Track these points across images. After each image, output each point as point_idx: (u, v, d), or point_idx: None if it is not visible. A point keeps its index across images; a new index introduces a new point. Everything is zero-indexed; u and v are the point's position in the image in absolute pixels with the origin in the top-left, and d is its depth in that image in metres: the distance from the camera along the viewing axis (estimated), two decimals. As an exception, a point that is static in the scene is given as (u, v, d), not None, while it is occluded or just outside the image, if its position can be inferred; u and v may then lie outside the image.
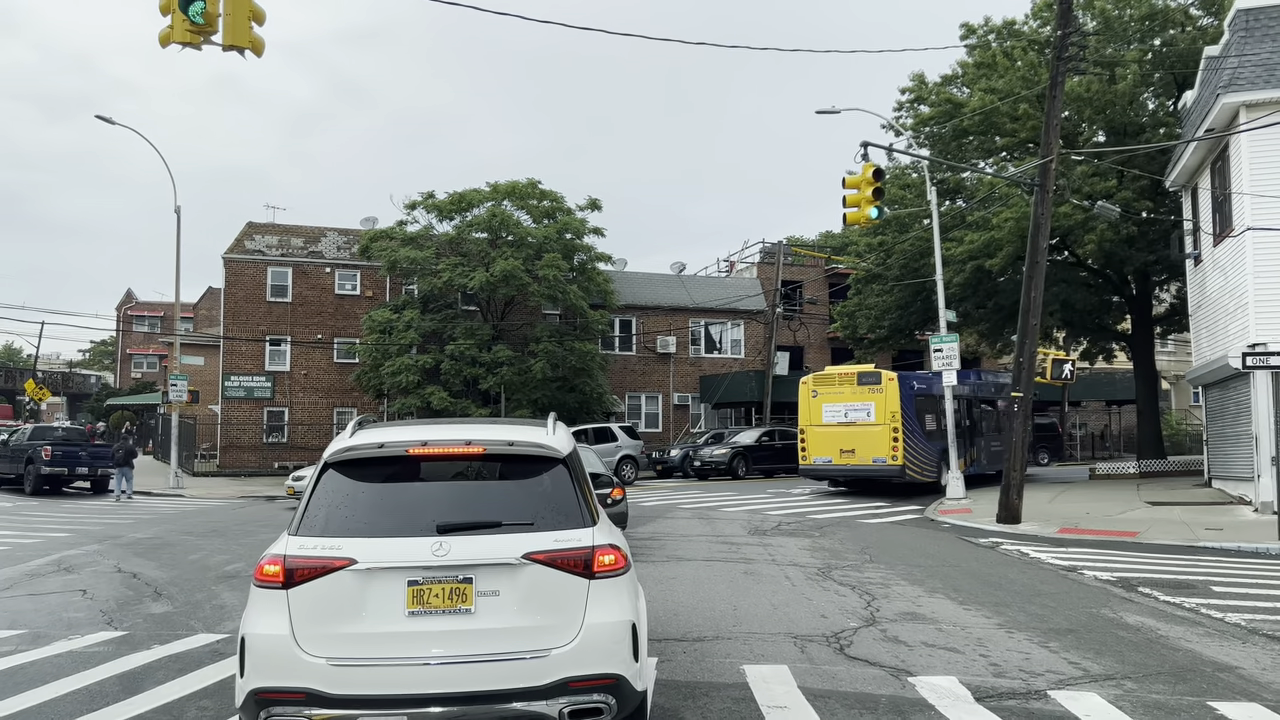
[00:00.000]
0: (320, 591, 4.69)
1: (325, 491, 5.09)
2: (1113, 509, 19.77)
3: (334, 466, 5.18)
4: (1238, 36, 19.41)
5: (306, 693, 4.56)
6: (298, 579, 4.71)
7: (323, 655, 4.61)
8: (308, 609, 4.68)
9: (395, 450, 5.16)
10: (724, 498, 24.60)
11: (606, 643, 4.79)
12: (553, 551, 4.83)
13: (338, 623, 4.67)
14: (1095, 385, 44.26)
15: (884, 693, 6.71)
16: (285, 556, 4.78)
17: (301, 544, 4.82)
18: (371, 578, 4.71)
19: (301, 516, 4.99)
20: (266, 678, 4.62)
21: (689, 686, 6.82)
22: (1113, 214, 20.81)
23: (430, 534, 4.81)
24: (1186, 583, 11.49)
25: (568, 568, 4.83)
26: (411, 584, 4.72)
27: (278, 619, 4.68)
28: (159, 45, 8.37)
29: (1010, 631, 8.69)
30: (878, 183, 18.06)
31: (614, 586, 4.91)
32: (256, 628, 4.72)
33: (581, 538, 4.92)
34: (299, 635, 4.65)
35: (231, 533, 17.46)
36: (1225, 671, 7.33)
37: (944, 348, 22.60)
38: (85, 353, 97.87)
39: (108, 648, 8.27)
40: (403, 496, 5.14)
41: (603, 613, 4.82)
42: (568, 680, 4.67)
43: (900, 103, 30.88)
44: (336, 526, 4.90)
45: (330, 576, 4.70)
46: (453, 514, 4.96)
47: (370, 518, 4.97)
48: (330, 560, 4.72)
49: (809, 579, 11.65)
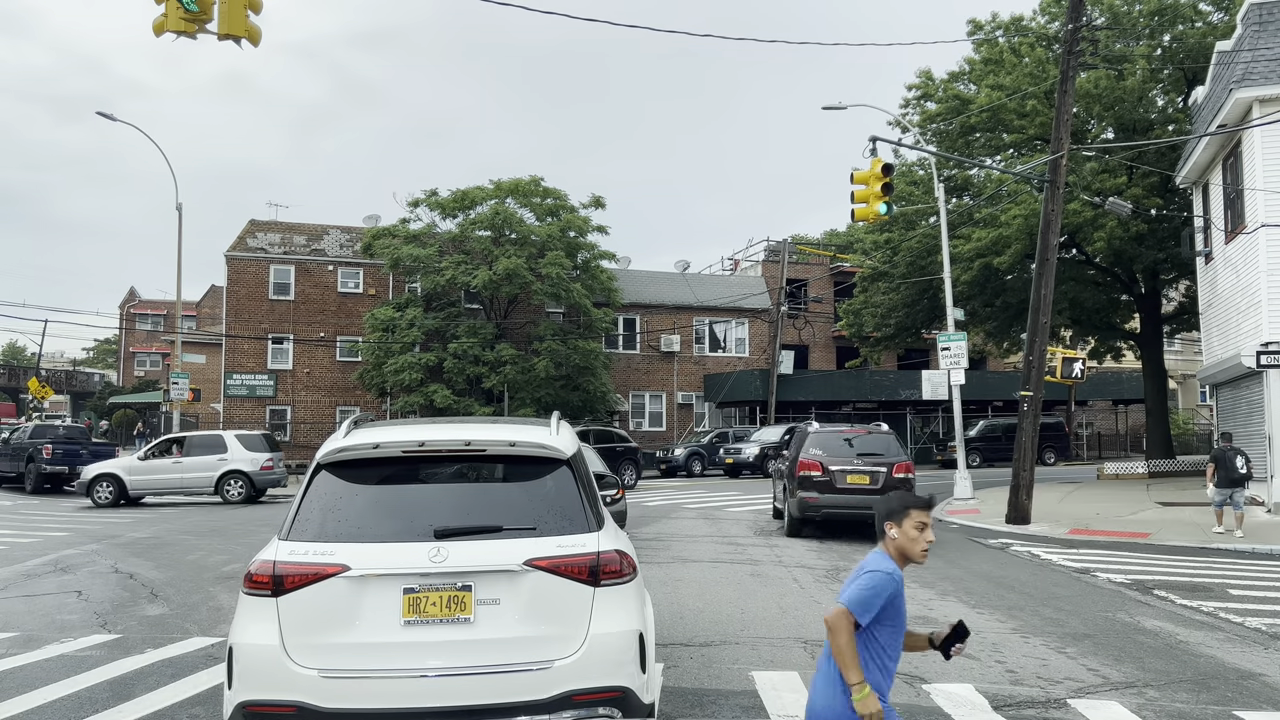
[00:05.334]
0: (311, 599, 4.43)
1: (318, 494, 4.81)
2: (1123, 509, 19.53)
3: (327, 468, 4.89)
4: (1251, 31, 19.16)
5: (297, 706, 4.32)
6: (288, 586, 4.45)
7: (314, 666, 4.37)
8: (298, 618, 4.43)
9: (391, 451, 4.88)
10: (728, 498, 24.38)
11: (613, 654, 4.54)
12: (556, 558, 4.58)
13: (330, 632, 4.42)
14: (1102, 384, 43.97)
15: (898, 701, 6.45)
16: (275, 562, 4.52)
17: (292, 549, 4.55)
18: (365, 585, 4.46)
19: (292, 520, 4.72)
20: (255, 690, 4.40)
21: (696, 694, 6.60)
22: (1124, 210, 20.55)
23: (427, 539, 4.56)
24: (1202, 585, 11.25)
25: (572, 575, 4.57)
26: (408, 592, 4.46)
27: (267, 628, 4.43)
28: (153, 34, 8.16)
29: (1026, 636, 8.46)
30: (887, 178, 17.80)
31: (620, 594, 4.66)
32: (245, 637, 4.48)
33: (586, 543, 4.66)
34: (289, 645, 4.40)
35: (231, 532, 17.26)
36: (1249, 679, 7.10)
37: (951, 346, 22.34)
38: (89, 351, 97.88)
39: (100, 651, 8.07)
40: (399, 499, 4.86)
41: (609, 622, 4.57)
42: (572, 693, 4.43)
43: (907, 99, 30.65)
44: (329, 531, 4.64)
45: (322, 584, 4.44)
46: (451, 518, 4.70)
47: (365, 522, 4.70)
48: (322, 567, 4.46)
49: (817, 581, 11.43)
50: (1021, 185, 26.42)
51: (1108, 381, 44.21)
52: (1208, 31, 25.81)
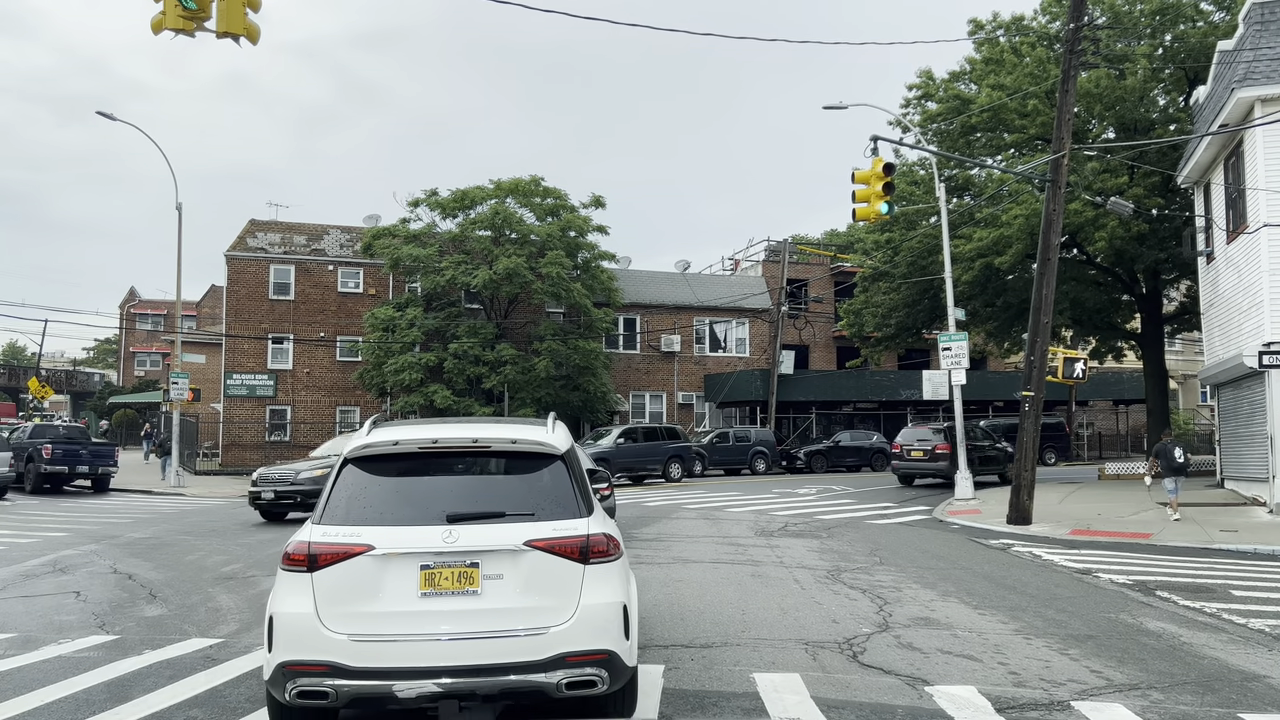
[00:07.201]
0: (342, 574, 5.10)
1: (345, 484, 5.51)
2: (1124, 510, 19.48)
3: (353, 462, 5.60)
4: (1253, 30, 19.10)
5: (330, 665, 4.97)
6: (321, 563, 5.12)
7: (344, 632, 5.01)
8: (330, 590, 5.08)
9: (409, 447, 5.60)
10: (730, 498, 24.34)
11: (600, 621, 5.18)
12: (551, 539, 5.23)
13: (357, 602, 5.07)
14: (1102, 385, 43.91)
15: (901, 703, 6.44)
16: (310, 543, 5.19)
17: (324, 531, 5.24)
18: (388, 562, 5.12)
19: (324, 507, 5.41)
20: (293, 652, 5.03)
21: (697, 696, 6.56)
22: (1126, 210, 20.49)
23: (441, 523, 5.23)
24: (1205, 586, 11.20)
25: (565, 554, 5.22)
26: (424, 568, 5.13)
27: (303, 599, 5.08)
28: (151, 32, 8.11)
29: (1028, 638, 8.41)
30: (888, 177, 17.74)
31: (607, 571, 5.31)
32: (284, 607, 5.13)
33: (578, 527, 5.33)
34: (323, 614, 5.05)
35: (231, 532, 17.22)
36: (1254, 681, 7.06)
37: (952, 346, 22.30)
38: (89, 351, 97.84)
39: (98, 653, 8.03)
40: (415, 488, 5.55)
41: (597, 594, 5.21)
42: (565, 655, 5.06)
43: (908, 99, 30.58)
44: (356, 516, 5.32)
45: (351, 561, 5.11)
46: (461, 505, 5.39)
47: (386, 508, 5.39)
48: (351, 546, 5.14)
49: (818, 582, 11.39)
50: (1022, 185, 26.36)
51: (1108, 382, 44.15)
52: (1209, 31, 25.75)
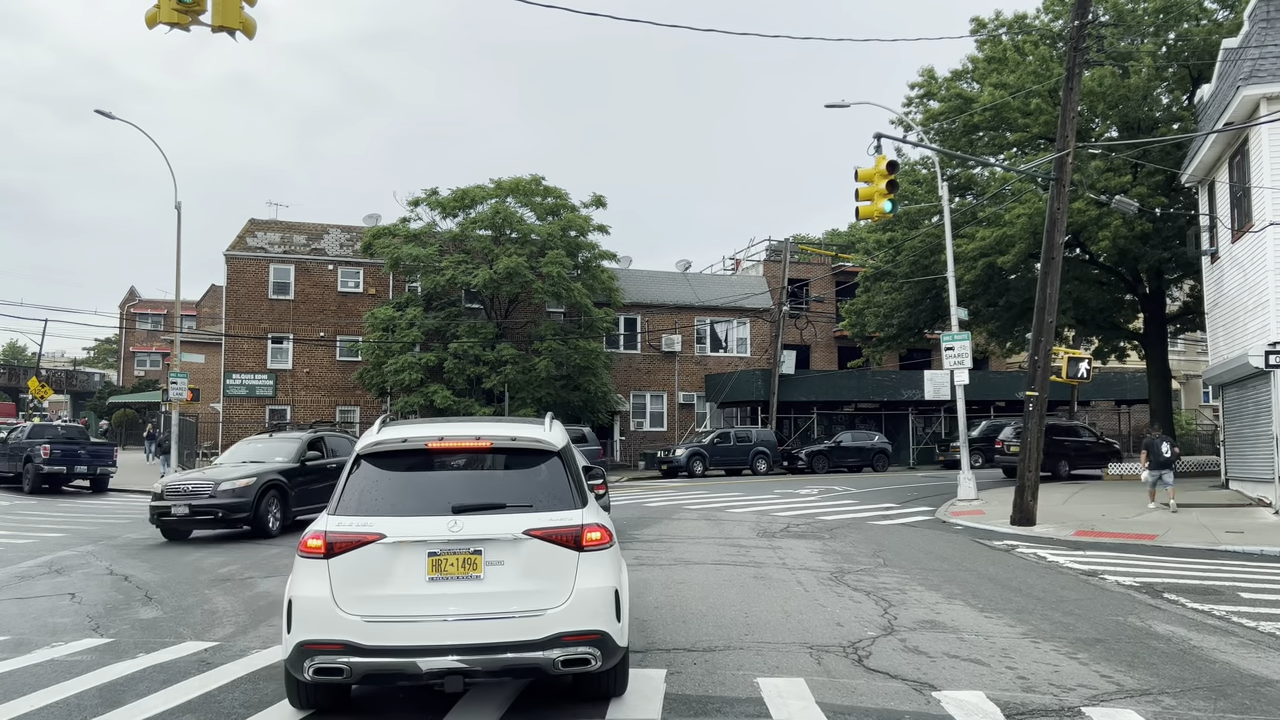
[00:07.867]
0: (355, 561, 5.54)
1: (358, 478, 5.97)
2: (1129, 511, 19.35)
3: (365, 458, 6.05)
4: (1258, 28, 18.97)
5: (344, 644, 5.40)
6: (336, 550, 5.56)
7: (357, 613, 5.45)
8: (344, 575, 5.52)
9: (417, 444, 6.04)
10: (731, 498, 24.22)
11: (593, 604, 5.61)
12: (548, 528, 5.67)
13: (370, 586, 5.51)
14: (1105, 385, 43.73)
15: (907, 709, 6.32)
16: (326, 532, 5.62)
17: (339, 521, 5.68)
18: (398, 549, 5.56)
19: (338, 499, 5.87)
20: (311, 632, 5.47)
21: (700, 701, 6.43)
22: (1130, 209, 20.36)
23: (446, 513, 5.66)
24: (1213, 588, 11.08)
25: (561, 542, 5.66)
26: (431, 555, 5.57)
27: (320, 584, 5.52)
28: (145, 25, 7.99)
29: (1036, 641, 8.28)
30: (891, 175, 17.61)
31: (600, 558, 5.74)
32: (302, 590, 5.57)
33: (572, 517, 5.77)
34: (338, 597, 5.49)
35: (230, 533, 17.08)
36: (1267, 686, 6.93)
37: (955, 346, 22.17)
38: (89, 351, 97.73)
39: (91, 656, 7.90)
40: (423, 482, 6.01)
41: (590, 579, 5.65)
42: (561, 635, 5.49)
43: (910, 98, 30.47)
44: (368, 507, 5.77)
45: (363, 548, 5.55)
46: (465, 497, 5.85)
47: (396, 500, 5.84)
48: (363, 535, 5.57)
49: (822, 584, 11.26)
50: (1026, 184, 26.23)
51: (1111, 382, 43.97)
52: (1213, 29, 25.62)
